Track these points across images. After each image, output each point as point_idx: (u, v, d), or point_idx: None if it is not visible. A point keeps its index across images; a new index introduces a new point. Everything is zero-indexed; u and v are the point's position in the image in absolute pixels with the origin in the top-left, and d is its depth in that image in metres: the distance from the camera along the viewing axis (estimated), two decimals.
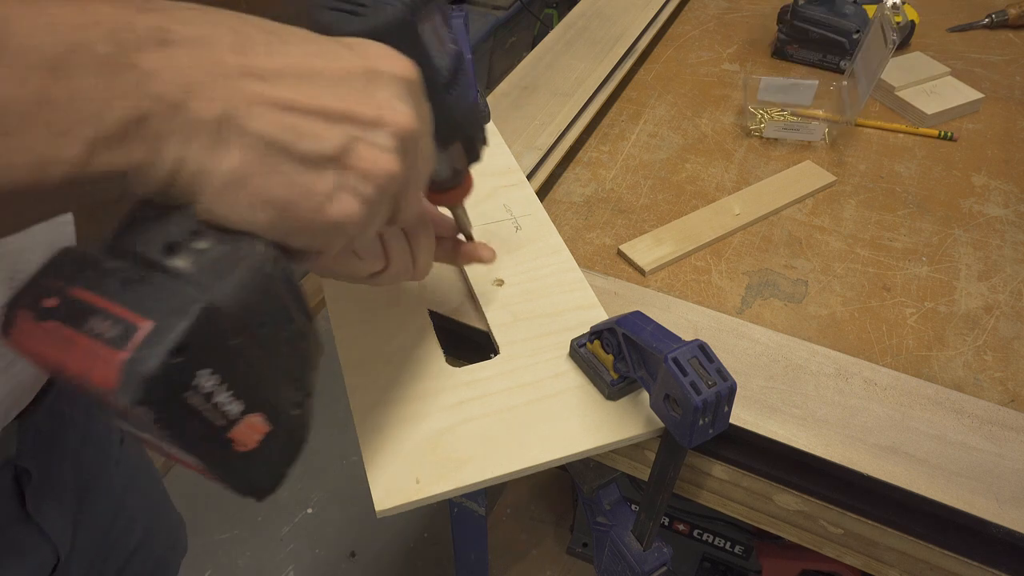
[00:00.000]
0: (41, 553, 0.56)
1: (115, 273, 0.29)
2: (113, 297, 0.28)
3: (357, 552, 1.52)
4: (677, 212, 0.77)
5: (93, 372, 0.27)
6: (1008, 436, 0.54)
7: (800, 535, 0.57)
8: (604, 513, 0.63)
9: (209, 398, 0.29)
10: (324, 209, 0.32)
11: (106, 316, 0.28)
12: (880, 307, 0.67)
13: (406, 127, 0.34)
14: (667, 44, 1.05)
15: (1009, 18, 1.08)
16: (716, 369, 0.45)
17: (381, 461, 0.50)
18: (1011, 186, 0.82)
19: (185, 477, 1.62)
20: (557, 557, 1.31)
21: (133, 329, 0.27)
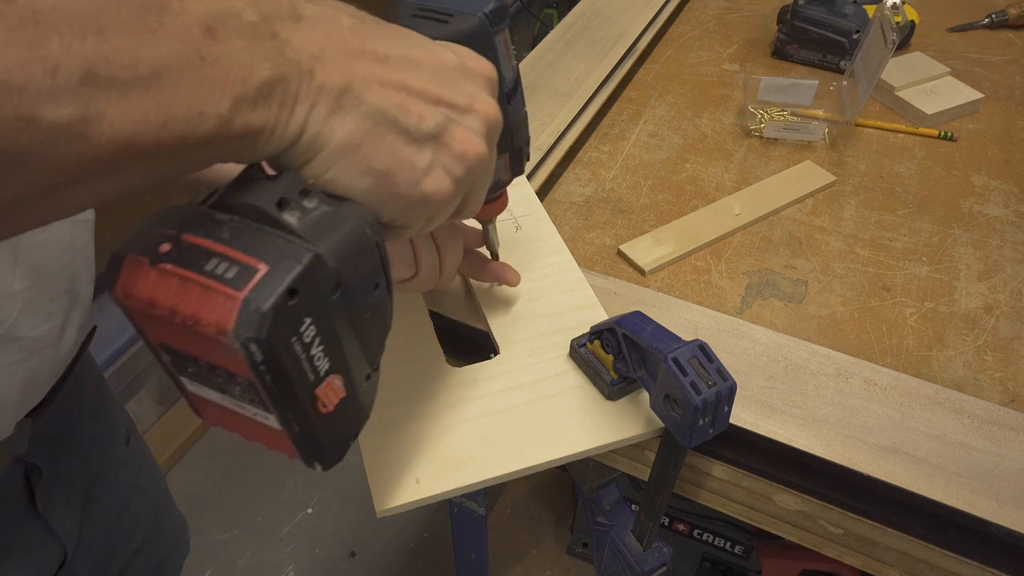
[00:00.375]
0: (49, 550, 0.56)
1: (227, 224, 0.31)
2: (228, 243, 0.30)
3: (357, 552, 1.52)
4: (677, 212, 0.77)
5: (209, 312, 0.29)
6: (1008, 436, 0.54)
7: (800, 535, 0.57)
8: (604, 513, 0.63)
9: (307, 349, 0.31)
10: (420, 182, 0.34)
11: (222, 259, 0.29)
12: (880, 307, 0.67)
13: (493, 117, 0.38)
14: (667, 44, 1.05)
15: (1009, 18, 1.08)
16: (716, 369, 0.45)
17: (381, 461, 0.50)
18: (1011, 186, 0.82)
19: (186, 478, 1.62)
20: (557, 557, 1.31)
21: (251, 271, 0.29)
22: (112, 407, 0.68)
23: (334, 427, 0.35)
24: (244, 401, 0.33)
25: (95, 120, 0.24)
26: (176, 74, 0.25)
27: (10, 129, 0.22)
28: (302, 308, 0.30)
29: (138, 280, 0.30)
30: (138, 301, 0.30)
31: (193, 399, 0.35)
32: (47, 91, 0.22)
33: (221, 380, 0.32)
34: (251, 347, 0.29)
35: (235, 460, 1.67)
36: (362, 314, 0.35)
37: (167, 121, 0.26)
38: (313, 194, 0.32)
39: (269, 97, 0.29)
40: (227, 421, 0.36)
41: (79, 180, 0.25)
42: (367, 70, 0.32)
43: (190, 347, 0.31)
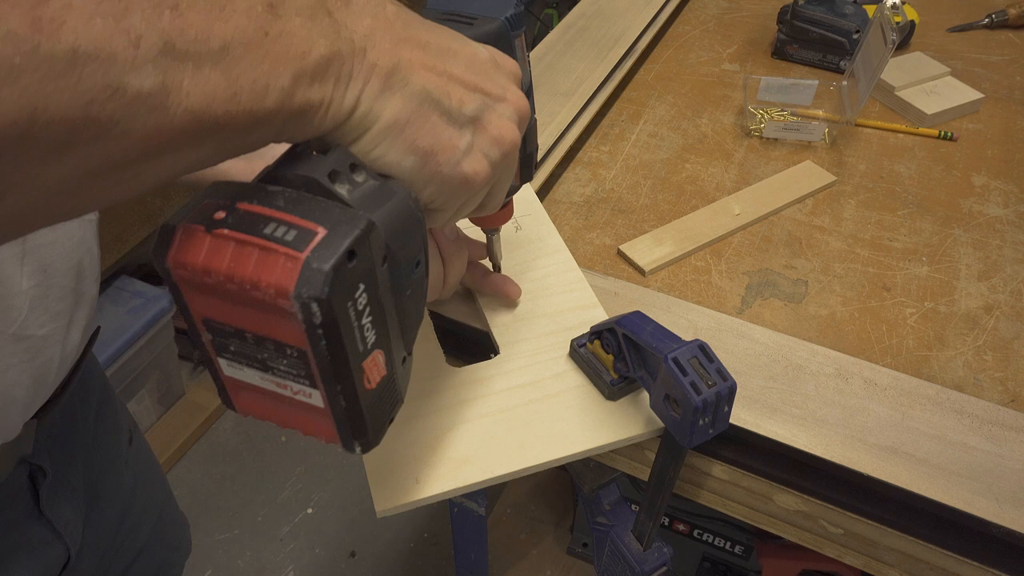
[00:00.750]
0: (54, 550, 0.57)
1: (279, 194, 0.31)
2: (284, 209, 0.30)
3: (357, 552, 1.52)
4: (677, 212, 0.77)
5: (269, 273, 0.29)
6: (1008, 436, 0.54)
7: (800, 535, 0.57)
8: (604, 513, 0.63)
9: (360, 317, 0.32)
10: (460, 163, 0.36)
11: (280, 224, 0.30)
12: (880, 307, 0.67)
13: (524, 107, 0.40)
14: (667, 44, 1.05)
15: (1009, 18, 1.08)
16: (716, 369, 0.45)
17: (381, 461, 0.50)
18: (1011, 186, 0.82)
19: (186, 478, 1.62)
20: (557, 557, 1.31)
21: (310, 233, 0.29)
22: (115, 407, 0.68)
23: (375, 406, 0.35)
24: (288, 378, 0.33)
25: (173, 91, 0.25)
26: (243, 49, 0.27)
27: (100, 96, 0.23)
28: (357, 273, 0.31)
29: (192, 247, 0.30)
30: (191, 269, 0.30)
31: (228, 384, 0.35)
32: (131, 61, 0.23)
33: (266, 355, 0.32)
34: (312, 307, 0.29)
35: (235, 460, 1.67)
36: (403, 291, 0.36)
37: (236, 93, 0.27)
38: (361, 168, 0.34)
39: (326, 73, 0.30)
40: (261, 407, 0.35)
41: (156, 153, 0.26)
42: (412, 54, 0.34)
43: (239, 318, 0.31)
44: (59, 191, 0.25)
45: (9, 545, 0.53)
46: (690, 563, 1.19)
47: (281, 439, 1.69)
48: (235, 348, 0.33)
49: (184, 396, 1.73)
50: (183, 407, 1.71)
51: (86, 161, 0.24)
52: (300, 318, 0.29)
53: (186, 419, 1.69)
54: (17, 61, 0.21)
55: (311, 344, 0.30)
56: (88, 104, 0.23)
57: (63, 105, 0.22)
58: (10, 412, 0.48)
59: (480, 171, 0.37)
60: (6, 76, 0.21)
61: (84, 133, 0.23)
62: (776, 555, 1.08)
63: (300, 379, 0.33)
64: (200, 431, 1.70)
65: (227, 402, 0.37)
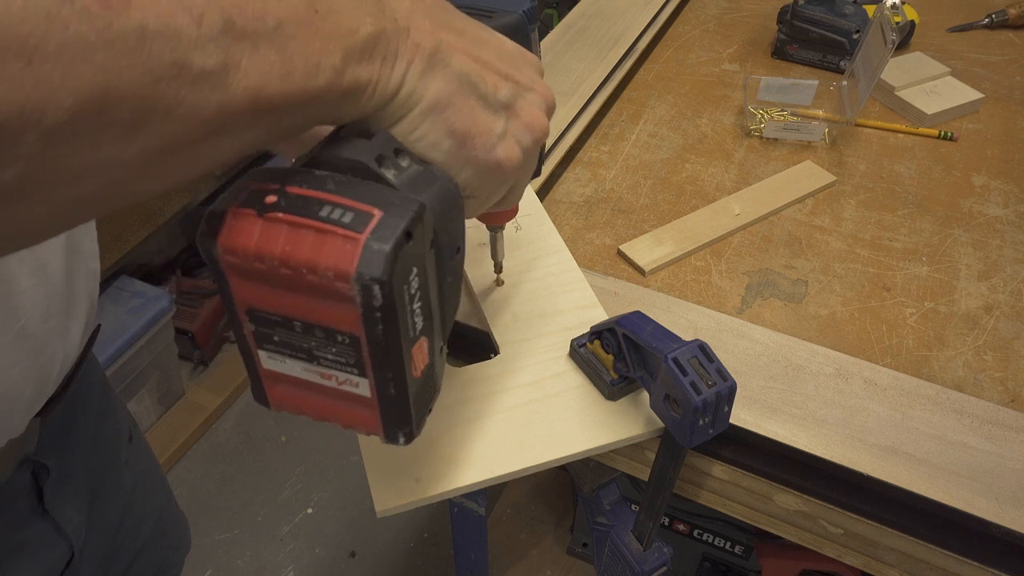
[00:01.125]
0: (57, 549, 0.57)
1: (328, 178, 0.31)
2: (336, 192, 0.30)
3: (357, 552, 1.52)
4: (677, 212, 0.77)
5: (328, 256, 0.29)
6: (1008, 436, 0.54)
7: (800, 535, 0.57)
8: (604, 513, 0.62)
9: (411, 301, 0.32)
10: (495, 147, 0.37)
11: (334, 206, 0.29)
12: (880, 307, 0.67)
13: (551, 98, 0.41)
14: (667, 44, 1.05)
15: (1009, 18, 1.08)
16: (716, 369, 0.45)
17: (381, 461, 0.50)
18: (1011, 186, 0.81)
19: (186, 478, 1.62)
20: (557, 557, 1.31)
21: (367, 215, 0.29)
22: (115, 406, 0.68)
23: (419, 395, 0.35)
24: (335, 367, 0.32)
25: (233, 69, 0.25)
26: (295, 27, 0.27)
27: (167, 74, 0.23)
28: (412, 256, 0.31)
29: (244, 232, 0.29)
30: (242, 255, 0.29)
31: (265, 378, 0.35)
32: (195, 39, 0.24)
33: (313, 344, 0.32)
34: (374, 289, 0.28)
35: (235, 460, 1.67)
36: (445, 277, 0.36)
37: (290, 72, 0.27)
38: (405, 153, 0.34)
39: (373, 51, 0.30)
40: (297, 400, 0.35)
41: (217, 132, 0.26)
42: (450, 38, 0.34)
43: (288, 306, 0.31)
44: (129, 173, 0.25)
45: (13, 544, 0.53)
46: (690, 563, 1.18)
47: (281, 439, 1.69)
48: (279, 338, 0.32)
49: (184, 396, 1.73)
50: (183, 407, 1.71)
51: (154, 141, 0.25)
52: (359, 301, 0.29)
53: (186, 419, 1.69)
54: (92, 38, 0.21)
55: (366, 328, 0.30)
56: (156, 81, 0.23)
57: (134, 83, 0.23)
58: (15, 409, 0.49)
59: (513, 156, 0.38)
60: (82, 53, 0.21)
61: (152, 112, 0.24)
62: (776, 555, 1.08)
63: (348, 368, 0.32)
64: (200, 431, 1.70)
65: (260, 396, 0.36)
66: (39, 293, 0.48)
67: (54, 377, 0.52)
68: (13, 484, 0.52)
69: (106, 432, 0.65)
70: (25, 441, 0.51)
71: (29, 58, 0.20)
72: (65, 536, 0.57)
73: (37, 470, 0.54)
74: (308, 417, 0.36)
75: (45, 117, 0.21)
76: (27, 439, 0.51)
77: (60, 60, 0.21)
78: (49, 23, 0.21)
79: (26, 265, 0.46)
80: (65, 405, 0.56)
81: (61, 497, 0.56)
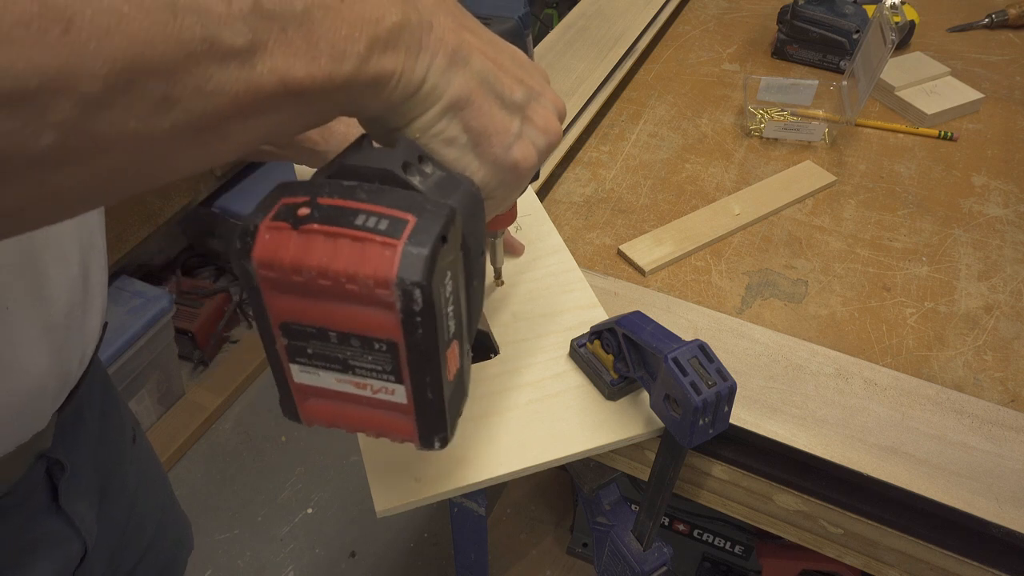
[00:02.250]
0: (72, 545, 0.57)
1: (357, 187, 0.31)
2: (367, 201, 0.30)
3: (357, 552, 1.52)
4: (677, 212, 0.77)
5: (367, 263, 0.29)
6: (1008, 436, 0.54)
7: (800, 535, 0.57)
8: (604, 513, 0.62)
9: (446, 304, 0.32)
10: (512, 147, 0.37)
11: (368, 215, 0.30)
12: (880, 307, 0.67)
13: (561, 104, 0.41)
14: (667, 44, 1.05)
15: (1009, 18, 1.08)
16: (716, 369, 0.45)
17: (381, 461, 0.50)
18: (1011, 186, 0.81)
19: (186, 478, 1.62)
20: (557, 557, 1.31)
21: (402, 222, 0.29)
22: (118, 405, 0.68)
23: (452, 399, 0.35)
24: (370, 376, 0.32)
25: (260, 49, 0.26)
26: (322, 12, 0.28)
27: (197, 49, 0.24)
28: (447, 259, 0.31)
29: (279, 246, 0.29)
30: (279, 268, 0.29)
31: (297, 393, 0.35)
32: (225, 16, 0.25)
33: (349, 353, 0.32)
34: (414, 293, 0.29)
35: (235, 460, 1.67)
36: (472, 280, 0.36)
37: (316, 57, 0.28)
38: (428, 159, 0.34)
39: (398, 41, 0.31)
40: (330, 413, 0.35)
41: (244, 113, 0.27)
42: (470, 37, 0.35)
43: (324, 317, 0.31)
44: (160, 148, 0.25)
45: (30, 539, 0.54)
46: (690, 563, 1.18)
47: (281, 439, 1.69)
48: (313, 351, 0.32)
49: (184, 396, 1.73)
50: (183, 407, 1.71)
51: (184, 116, 0.25)
52: (399, 306, 0.29)
53: (186, 419, 1.69)
54: (125, 10, 0.22)
55: (405, 334, 0.30)
56: (187, 56, 0.24)
57: (165, 55, 0.23)
58: (42, 404, 0.49)
59: (528, 157, 0.38)
60: (116, 23, 0.22)
61: (183, 87, 0.24)
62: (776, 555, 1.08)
63: (384, 375, 0.32)
64: (200, 431, 1.70)
65: (290, 411, 0.36)
66: (63, 285, 0.49)
67: (74, 371, 0.52)
68: (29, 480, 0.52)
69: (111, 431, 0.65)
70: (42, 437, 0.52)
71: (66, 26, 0.21)
72: (79, 532, 0.57)
73: (51, 466, 0.54)
74: (341, 429, 0.36)
75: (80, 84, 0.22)
76: (44, 434, 0.52)
77: (95, 29, 0.22)
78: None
79: (52, 257, 0.47)
80: (76, 402, 0.56)
81: (74, 494, 0.57)
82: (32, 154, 0.22)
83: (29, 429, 0.49)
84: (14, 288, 0.45)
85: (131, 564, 0.69)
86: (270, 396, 1.78)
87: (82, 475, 0.58)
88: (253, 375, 1.80)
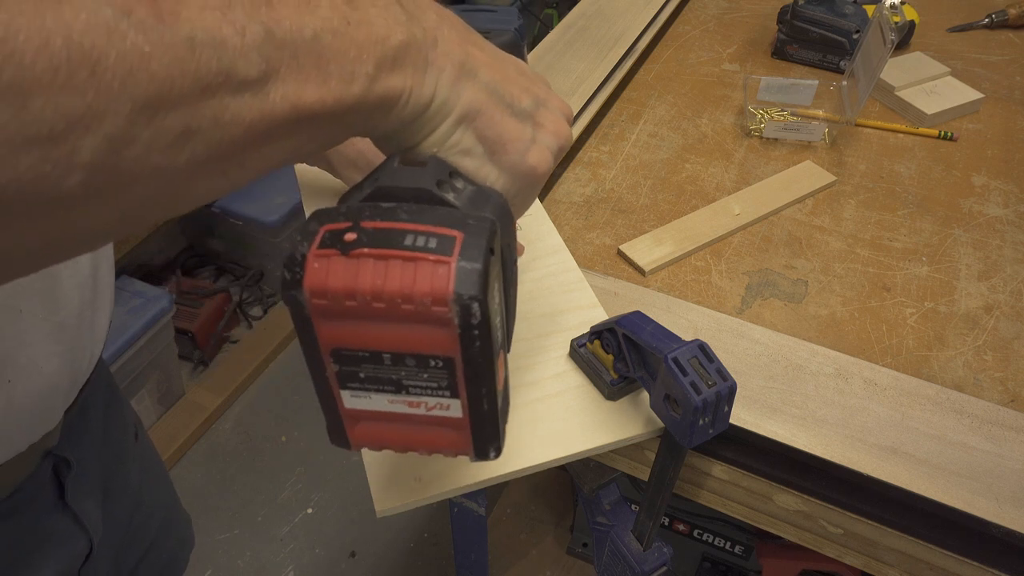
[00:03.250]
0: (78, 542, 0.58)
1: (396, 208, 0.31)
2: (411, 221, 0.30)
3: (357, 552, 1.52)
4: (677, 212, 0.77)
5: (422, 282, 0.29)
6: (1008, 436, 0.54)
7: (800, 535, 0.57)
8: (604, 513, 0.62)
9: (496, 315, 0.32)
10: (528, 153, 0.38)
11: (416, 234, 0.30)
12: (880, 307, 0.67)
13: (568, 109, 0.43)
14: (667, 44, 1.05)
15: (1009, 18, 1.08)
16: (716, 369, 0.45)
17: (381, 461, 0.50)
18: (1011, 186, 0.81)
19: (186, 478, 1.62)
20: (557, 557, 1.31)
21: (450, 239, 0.30)
22: (121, 403, 0.69)
23: (503, 408, 0.35)
24: (425, 394, 0.33)
25: (273, 77, 0.27)
26: (331, 37, 0.29)
27: (214, 82, 0.25)
28: (495, 272, 0.31)
29: (331, 273, 0.30)
30: (332, 296, 0.30)
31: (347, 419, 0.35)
32: (240, 49, 0.25)
33: (403, 374, 0.32)
34: (473, 307, 0.29)
35: (235, 460, 1.67)
36: (508, 289, 0.37)
37: (326, 80, 0.28)
38: (458, 175, 0.35)
39: (405, 59, 0.31)
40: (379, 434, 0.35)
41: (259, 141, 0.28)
42: (474, 51, 0.36)
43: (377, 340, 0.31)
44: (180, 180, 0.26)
45: (37, 537, 0.54)
46: (690, 563, 1.18)
47: (281, 439, 1.69)
48: (365, 375, 0.32)
49: (184, 396, 1.73)
50: (183, 407, 1.71)
51: (202, 148, 0.26)
52: (456, 321, 0.29)
53: (186, 419, 1.69)
54: (147, 49, 0.23)
55: (463, 348, 0.30)
56: (204, 89, 0.25)
57: (185, 90, 0.24)
58: (54, 402, 0.50)
59: (544, 161, 0.39)
60: (139, 62, 0.23)
61: (201, 118, 0.25)
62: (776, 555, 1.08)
63: (440, 392, 0.32)
64: (200, 431, 1.70)
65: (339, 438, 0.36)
66: (74, 284, 0.49)
67: (84, 370, 0.53)
68: (36, 478, 0.53)
69: (114, 428, 0.65)
70: (50, 434, 0.52)
71: (92, 68, 0.22)
72: (85, 530, 0.58)
73: (58, 464, 0.55)
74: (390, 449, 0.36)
75: (105, 123, 0.22)
76: (52, 432, 0.52)
77: (119, 69, 0.22)
78: (109, 36, 0.22)
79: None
80: (81, 400, 0.56)
81: (80, 491, 0.57)
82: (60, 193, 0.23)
83: (41, 428, 0.49)
84: (27, 290, 0.45)
85: (134, 562, 0.69)
86: (270, 396, 1.78)
87: (87, 473, 0.59)
88: (253, 375, 1.80)
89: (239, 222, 1.84)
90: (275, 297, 1.96)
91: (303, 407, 1.74)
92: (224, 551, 1.51)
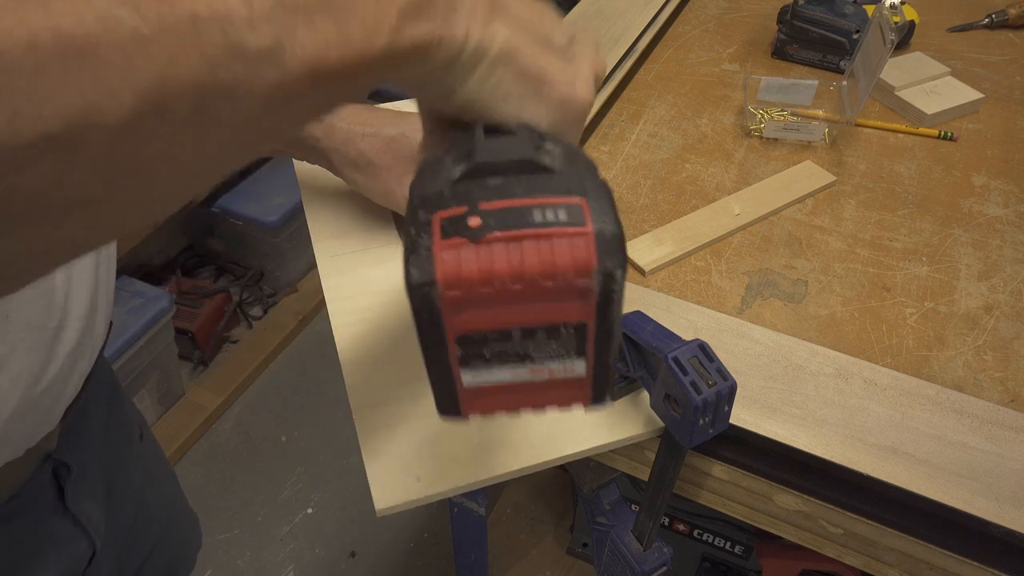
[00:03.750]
0: (80, 545, 0.57)
1: (505, 183, 0.30)
2: (529, 195, 0.29)
3: (357, 552, 1.52)
4: (677, 212, 0.77)
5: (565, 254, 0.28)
6: (1008, 436, 0.54)
7: (800, 535, 0.57)
8: (604, 513, 0.63)
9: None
10: (573, 84, 0.36)
11: (541, 208, 0.28)
12: (880, 307, 0.67)
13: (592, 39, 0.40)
14: (667, 44, 1.05)
15: (1009, 18, 1.08)
16: (716, 369, 0.45)
17: (381, 461, 0.50)
18: (1011, 186, 0.81)
19: (186, 478, 1.62)
20: (557, 557, 1.31)
21: (576, 207, 0.28)
22: (124, 403, 0.68)
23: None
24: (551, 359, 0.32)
25: (288, 45, 0.25)
26: None
27: (223, 58, 0.23)
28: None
29: (463, 263, 0.28)
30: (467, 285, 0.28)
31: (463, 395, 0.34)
32: (247, 19, 0.24)
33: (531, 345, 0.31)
34: (616, 273, 0.28)
35: (235, 460, 1.67)
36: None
37: (347, 39, 0.27)
38: (546, 138, 0.33)
39: (430, 7, 0.30)
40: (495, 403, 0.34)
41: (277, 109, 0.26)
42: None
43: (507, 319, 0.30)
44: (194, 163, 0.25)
45: (37, 540, 0.54)
46: (690, 563, 1.18)
47: (281, 439, 1.69)
48: (491, 353, 0.31)
49: (184, 396, 1.73)
50: (183, 407, 1.71)
51: (215, 128, 0.24)
52: (597, 289, 0.28)
53: (186, 419, 1.69)
54: (145, 32, 0.21)
55: (600, 311, 0.29)
56: (213, 68, 0.23)
57: (191, 71, 0.23)
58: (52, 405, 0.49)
59: (591, 92, 0.37)
60: (137, 48, 0.21)
61: (212, 99, 0.24)
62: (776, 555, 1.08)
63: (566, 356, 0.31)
64: (200, 431, 1.70)
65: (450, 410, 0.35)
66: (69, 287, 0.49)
67: (83, 370, 0.53)
68: (35, 482, 0.53)
69: (117, 429, 0.65)
70: (49, 438, 0.52)
71: (87, 59, 0.21)
72: (87, 532, 0.57)
73: (57, 467, 0.54)
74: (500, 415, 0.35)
75: (106, 116, 0.21)
76: (50, 436, 0.52)
77: (116, 57, 0.21)
78: (103, 23, 0.21)
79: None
80: (80, 402, 0.56)
81: (81, 494, 0.57)
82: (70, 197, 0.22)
83: (40, 431, 0.49)
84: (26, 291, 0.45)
85: (139, 561, 0.69)
86: (270, 396, 1.78)
87: (88, 475, 0.58)
88: (253, 375, 1.80)
89: (239, 222, 1.84)
90: (275, 297, 1.96)
91: (303, 407, 1.75)
92: (224, 551, 1.52)
